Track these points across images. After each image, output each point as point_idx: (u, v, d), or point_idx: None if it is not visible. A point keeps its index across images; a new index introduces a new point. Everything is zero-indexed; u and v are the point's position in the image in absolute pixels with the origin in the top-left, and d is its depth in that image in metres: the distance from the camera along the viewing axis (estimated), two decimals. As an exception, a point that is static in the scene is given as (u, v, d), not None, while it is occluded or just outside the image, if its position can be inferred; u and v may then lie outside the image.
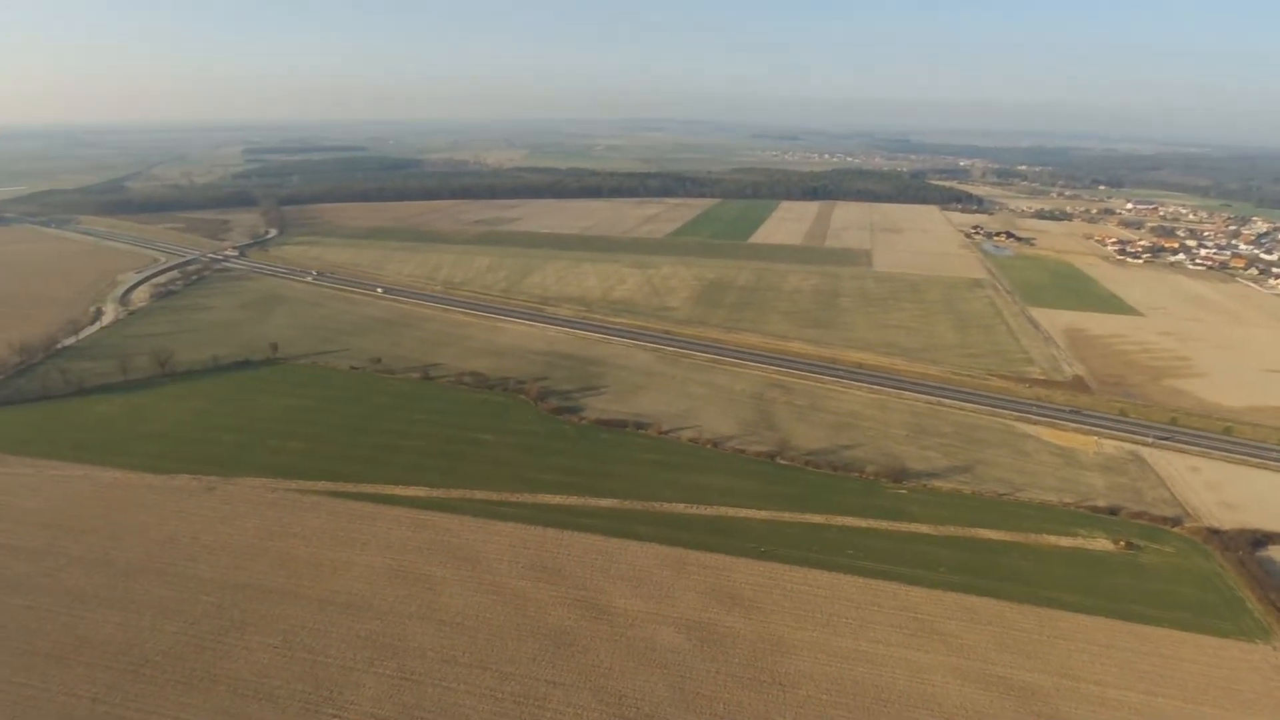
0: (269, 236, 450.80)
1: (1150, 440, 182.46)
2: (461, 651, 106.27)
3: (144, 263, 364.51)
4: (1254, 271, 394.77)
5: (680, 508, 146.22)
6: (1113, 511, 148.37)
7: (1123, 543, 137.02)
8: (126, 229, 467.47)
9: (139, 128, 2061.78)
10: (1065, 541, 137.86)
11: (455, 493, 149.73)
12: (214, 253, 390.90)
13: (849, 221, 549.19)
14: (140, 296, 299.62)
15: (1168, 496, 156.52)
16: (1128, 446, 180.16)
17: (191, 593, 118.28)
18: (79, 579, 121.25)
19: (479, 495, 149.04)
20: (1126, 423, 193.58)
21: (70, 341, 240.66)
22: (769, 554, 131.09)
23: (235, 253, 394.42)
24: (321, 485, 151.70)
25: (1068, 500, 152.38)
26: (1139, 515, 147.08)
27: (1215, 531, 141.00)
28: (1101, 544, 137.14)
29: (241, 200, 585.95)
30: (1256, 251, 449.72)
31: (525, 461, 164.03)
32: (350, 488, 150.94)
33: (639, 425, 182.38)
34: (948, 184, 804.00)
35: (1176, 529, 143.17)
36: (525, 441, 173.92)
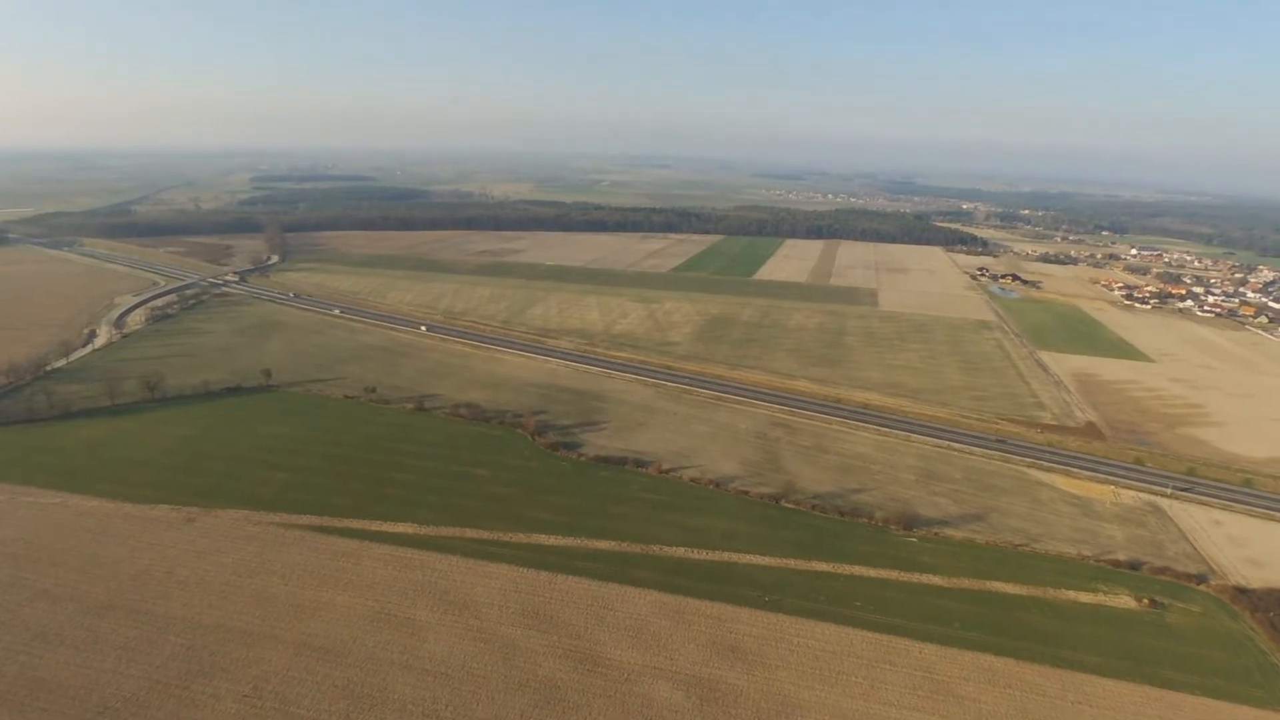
0: (270, 262, 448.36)
1: (1169, 491, 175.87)
2: (444, 705, 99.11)
3: (143, 285, 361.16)
4: (1264, 319, 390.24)
5: (680, 552, 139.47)
6: (1134, 566, 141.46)
7: (1147, 600, 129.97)
8: (128, 252, 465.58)
9: (151, 152, 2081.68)
10: (1086, 597, 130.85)
11: (446, 530, 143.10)
12: (214, 277, 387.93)
13: (854, 260, 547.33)
14: (136, 319, 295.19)
15: (1191, 551, 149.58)
16: (1145, 497, 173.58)
17: (160, 633, 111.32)
18: (42, 615, 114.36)
19: (470, 534, 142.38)
20: (1143, 472, 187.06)
21: (60, 364, 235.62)
22: (774, 604, 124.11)
23: (235, 278, 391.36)
24: (306, 519, 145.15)
25: (1086, 553, 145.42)
26: (1162, 571, 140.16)
27: (1243, 590, 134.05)
28: (1124, 601, 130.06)
29: (246, 226, 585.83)
30: (1265, 300, 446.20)
31: (520, 498, 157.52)
32: (336, 522, 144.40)
33: (639, 463, 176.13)
34: (952, 226, 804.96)
35: (1202, 586, 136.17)
36: (521, 477, 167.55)
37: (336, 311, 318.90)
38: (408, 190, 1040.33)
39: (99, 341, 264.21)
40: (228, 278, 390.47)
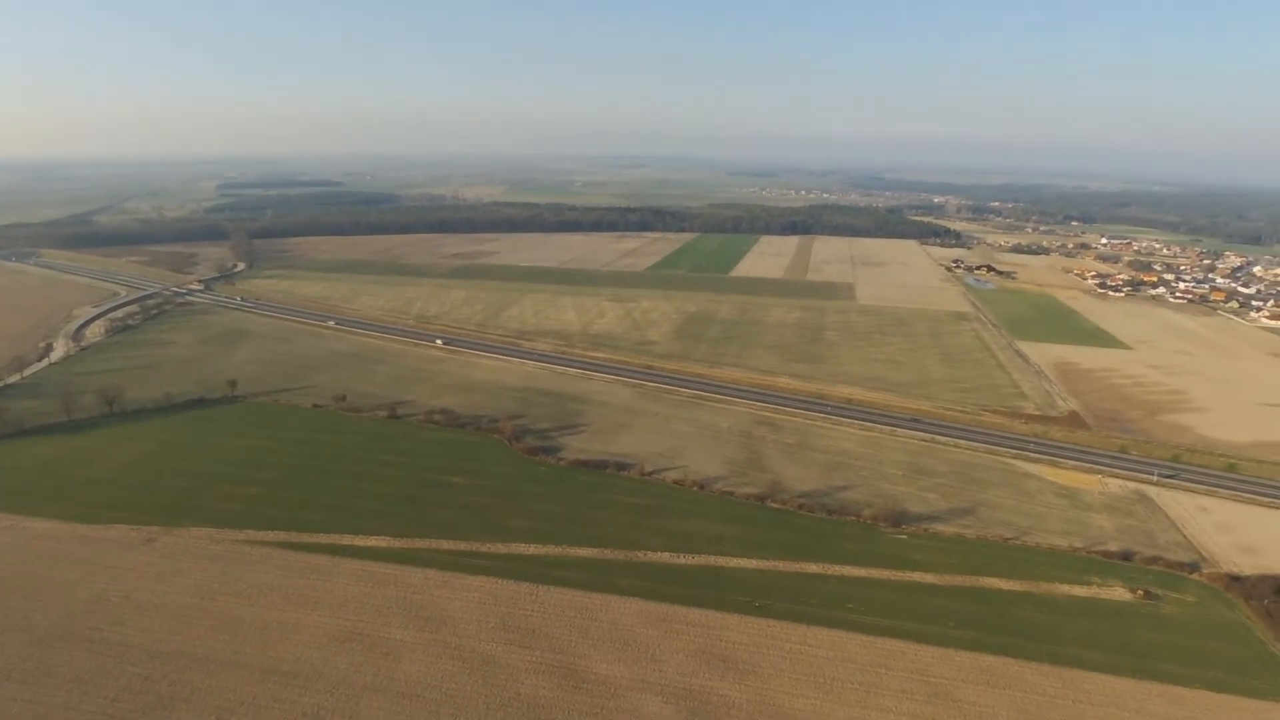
0: (236, 270, 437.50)
1: (1155, 479, 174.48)
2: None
3: (103, 296, 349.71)
4: (1234, 304, 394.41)
5: (665, 557, 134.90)
6: (1126, 557, 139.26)
7: (1140, 592, 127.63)
8: (88, 262, 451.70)
9: (115, 162, 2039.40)
10: (1079, 591, 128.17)
11: (420, 543, 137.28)
12: (177, 286, 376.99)
13: (829, 255, 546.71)
14: (95, 331, 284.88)
15: (1181, 540, 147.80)
16: (1132, 485, 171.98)
17: (116, 663, 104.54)
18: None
19: (446, 545, 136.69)
20: (1128, 460, 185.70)
21: (14, 379, 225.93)
22: (764, 609, 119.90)
23: (200, 286, 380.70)
24: (274, 535, 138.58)
25: (1077, 545, 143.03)
26: (1154, 561, 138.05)
27: (1236, 578, 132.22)
28: (1118, 593, 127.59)
29: (211, 234, 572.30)
30: (1234, 285, 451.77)
31: (498, 507, 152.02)
32: (305, 538, 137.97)
33: (620, 466, 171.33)
34: (925, 219, 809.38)
35: (1195, 575, 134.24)
36: (498, 485, 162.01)
37: (332, 324, 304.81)
38: (379, 195, 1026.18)
39: (55, 355, 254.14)
40: (192, 286, 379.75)
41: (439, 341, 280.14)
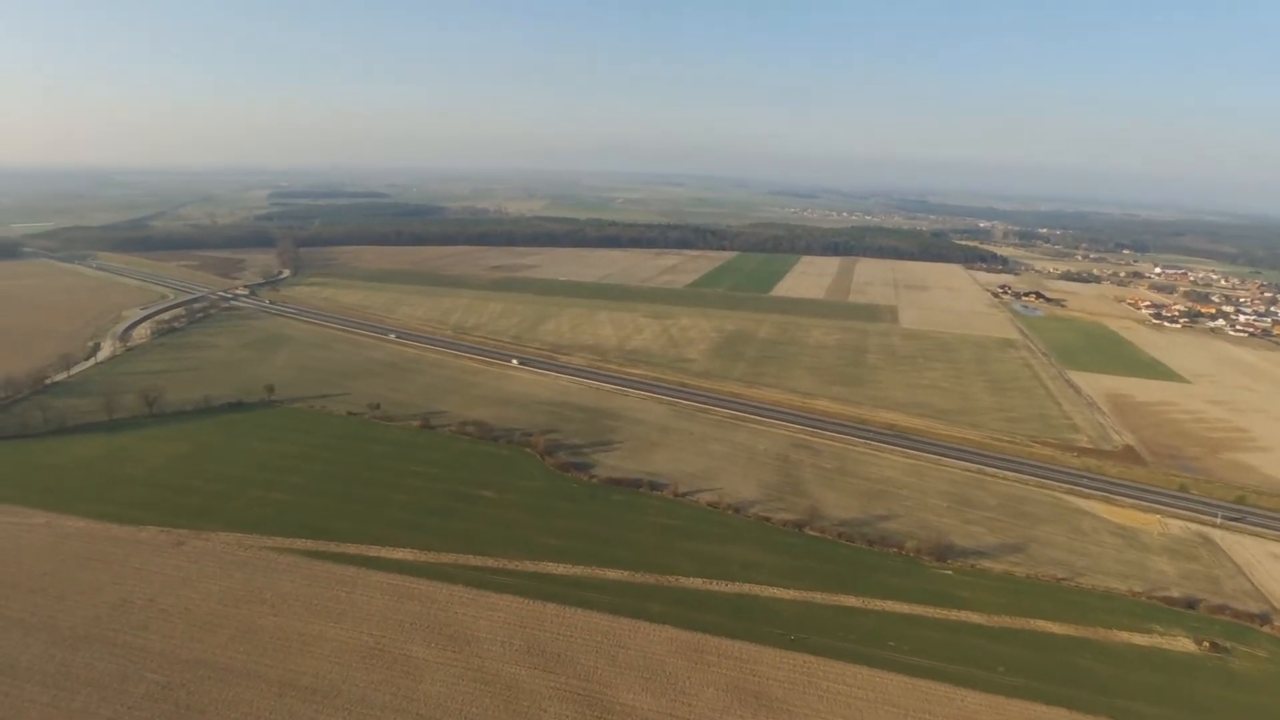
0: (281, 276, 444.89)
1: (1219, 520, 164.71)
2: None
3: (152, 299, 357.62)
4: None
5: (698, 583, 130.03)
6: (1190, 604, 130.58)
7: (1207, 644, 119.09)
8: (140, 266, 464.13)
9: (173, 170, 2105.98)
10: (1140, 639, 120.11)
11: (447, 557, 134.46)
12: (224, 291, 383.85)
13: (872, 277, 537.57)
14: (141, 333, 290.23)
15: (1249, 588, 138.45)
16: (1194, 527, 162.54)
17: (137, 669, 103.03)
18: (12, 647, 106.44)
19: (474, 561, 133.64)
20: (1189, 500, 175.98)
21: (60, 377, 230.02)
22: (800, 643, 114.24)
23: (246, 291, 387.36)
24: (301, 543, 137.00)
25: (1137, 589, 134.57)
26: (1220, 610, 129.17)
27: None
28: (1183, 644, 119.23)
29: (260, 240, 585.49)
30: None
31: (527, 523, 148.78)
32: (332, 547, 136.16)
33: (654, 486, 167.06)
34: (970, 243, 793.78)
35: (1265, 628, 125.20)
36: (529, 500, 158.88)
37: (392, 337, 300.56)
38: (422, 207, 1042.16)
39: (102, 355, 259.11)
40: (238, 291, 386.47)
41: (515, 361, 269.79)
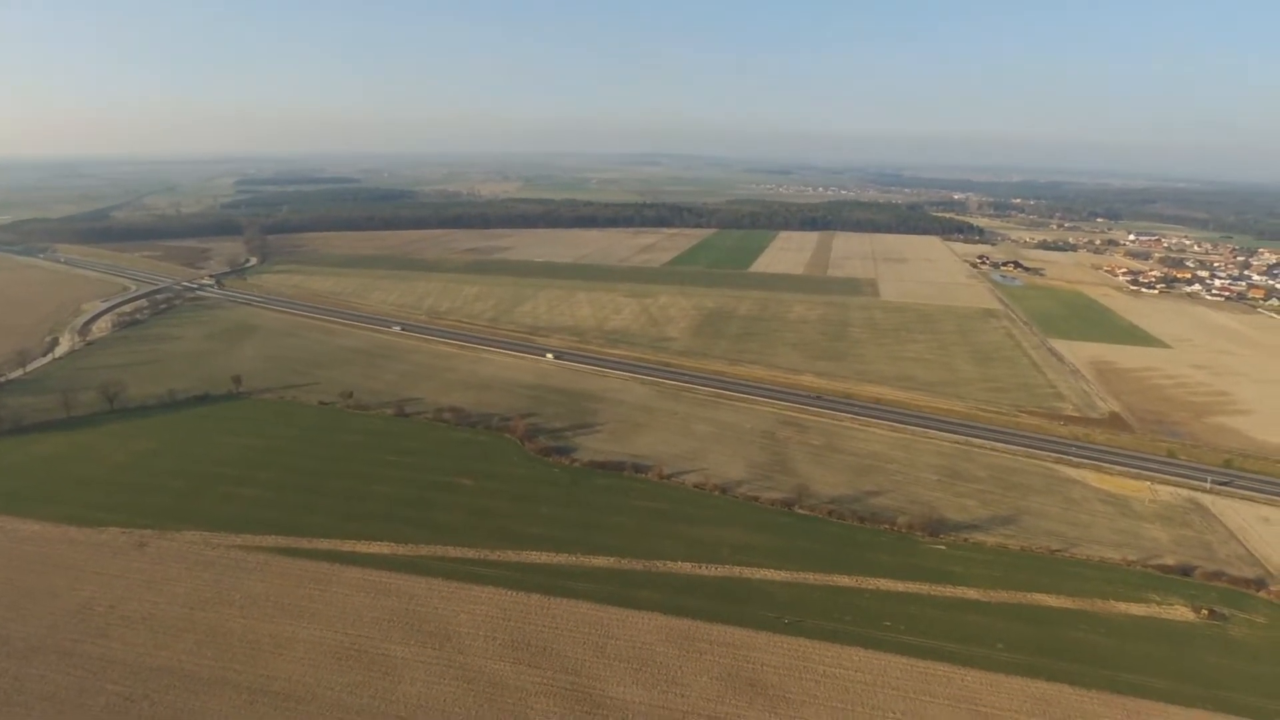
0: (248, 265, 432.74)
1: (1208, 485, 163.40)
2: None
3: (113, 291, 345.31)
4: (1275, 302, 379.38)
5: (687, 567, 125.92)
6: (1185, 572, 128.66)
7: (1205, 611, 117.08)
8: (102, 257, 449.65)
9: (135, 160, 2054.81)
10: (1137, 609, 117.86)
11: (425, 549, 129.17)
12: (188, 281, 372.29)
13: (850, 251, 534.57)
14: (102, 326, 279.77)
15: (1243, 553, 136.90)
16: (1184, 493, 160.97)
17: (96, 680, 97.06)
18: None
19: (453, 553, 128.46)
20: (1177, 465, 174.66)
21: (16, 374, 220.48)
22: (794, 626, 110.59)
23: (211, 281, 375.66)
24: (271, 540, 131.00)
25: (1131, 558, 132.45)
26: (1216, 576, 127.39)
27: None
28: (1181, 612, 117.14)
29: (226, 229, 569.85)
30: (1273, 282, 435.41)
31: (508, 511, 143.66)
32: (305, 543, 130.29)
33: (638, 468, 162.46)
34: (946, 215, 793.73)
35: (1262, 593, 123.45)
36: (509, 487, 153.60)
37: (397, 329, 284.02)
38: (394, 191, 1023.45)
39: (60, 350, 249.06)
40: (202, 281, 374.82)
41: (549, 356, 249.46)
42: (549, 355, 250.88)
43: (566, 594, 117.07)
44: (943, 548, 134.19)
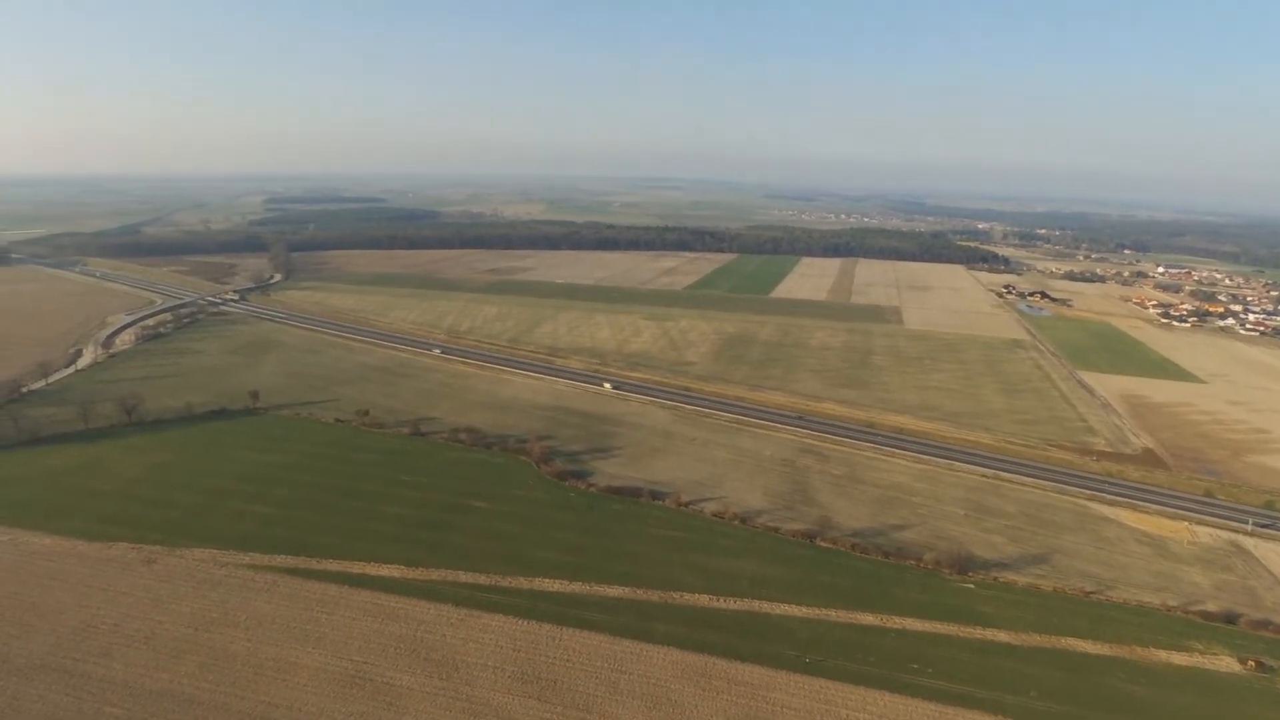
0: (273, 281, 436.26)
1: (1250, 528, 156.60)
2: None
3: (139, 304, 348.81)
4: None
5: (704, 600, 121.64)
6: (1229, 619, 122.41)
7: (1252, 663, 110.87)
8: (130, 271, 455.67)
9: (167, 177, 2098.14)
10: (1179, 658, 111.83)
11: (436, 573, 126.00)
12: (213, 295, 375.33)
13: (873, 278, 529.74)
14: (125, 339, 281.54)
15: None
16: (1225, 535, 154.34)
17: (95, 702, 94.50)
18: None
19: (465, 577, 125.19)
20: (1216, 505, 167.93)
21: (38, 385, 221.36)
22: (815, 666, 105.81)
23: (235, 296, 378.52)
24: (281, 560, 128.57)
25: (1171, 603, 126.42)
26: (1262, 625, 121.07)
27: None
28: (1226, 663, 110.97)
29: (253, 245, 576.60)
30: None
31: (522, 535, 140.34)
32: (314, 564, 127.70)
33: (655, 494, 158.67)
34: (971, 244, 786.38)
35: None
36: (524, 511, 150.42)
37: (437, 351, 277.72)
38: (418, 211, 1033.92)
39: (83, 362, 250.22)
40: (227, 296, 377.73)
41: (607, 385, 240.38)
42: (606, 385, 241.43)
43: (579, 624, 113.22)
44: (971, 586, 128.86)
